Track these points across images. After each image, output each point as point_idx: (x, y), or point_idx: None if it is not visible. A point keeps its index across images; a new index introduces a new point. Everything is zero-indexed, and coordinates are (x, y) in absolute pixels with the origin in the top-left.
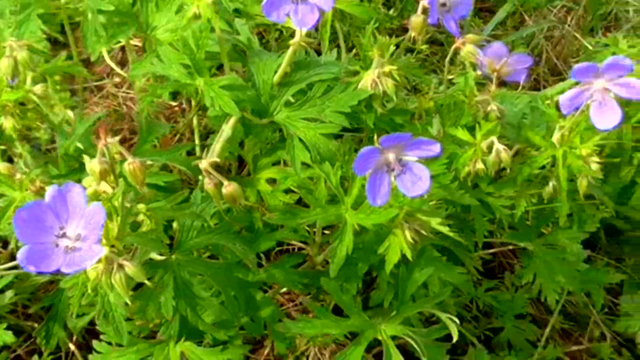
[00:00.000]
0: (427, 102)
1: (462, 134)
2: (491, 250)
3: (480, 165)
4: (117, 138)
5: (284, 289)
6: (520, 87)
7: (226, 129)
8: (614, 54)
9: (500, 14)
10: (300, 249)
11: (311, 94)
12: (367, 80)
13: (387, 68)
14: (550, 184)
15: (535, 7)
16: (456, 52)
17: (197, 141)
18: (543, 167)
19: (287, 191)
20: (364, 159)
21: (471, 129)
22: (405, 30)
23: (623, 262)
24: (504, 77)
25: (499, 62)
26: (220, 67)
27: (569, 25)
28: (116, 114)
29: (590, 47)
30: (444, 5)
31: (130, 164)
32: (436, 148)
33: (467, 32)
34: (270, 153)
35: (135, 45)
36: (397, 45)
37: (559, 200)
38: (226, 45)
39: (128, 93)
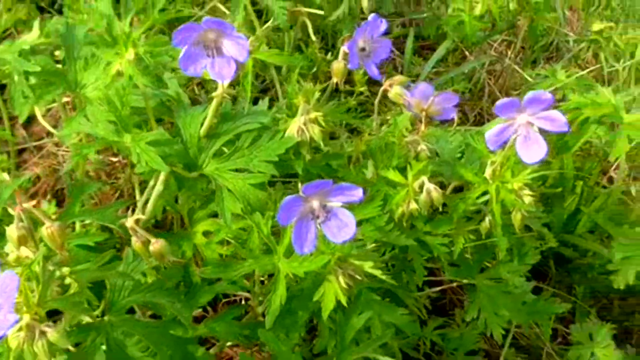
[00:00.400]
0: (362, 145)
1: (394, 176)
2: (438, 288)
3: (413, 205)
4: (33, 202)
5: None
6: (456, 124)
7: (157, 185)
8: (552, 85)
9: (440, 51)
10: (248, 299)
11: (239, 145)
12: (294, 127)
13: (312, 115)
14: (487, 219)
15: (474, 43)
16: (385, 95)
17: (137, 197)
18: (483, 202)
19: (224, 243)
20: (288, 209)
21: (403, 170)
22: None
23: (573, 290)
24: (433, 116)
25: (426, 101)
26: (158, 121)
27: (509, 59)
28: (57, 173)
29: (530, 79)
30: (363, 50)
31: (48, 228)
32: (358, 193)
33: (407, 70)
34: (205, 205)
35: (67, 103)
36: (338, 89)
37: (496, 235)
38: (152, 101)
39: (68, 151)
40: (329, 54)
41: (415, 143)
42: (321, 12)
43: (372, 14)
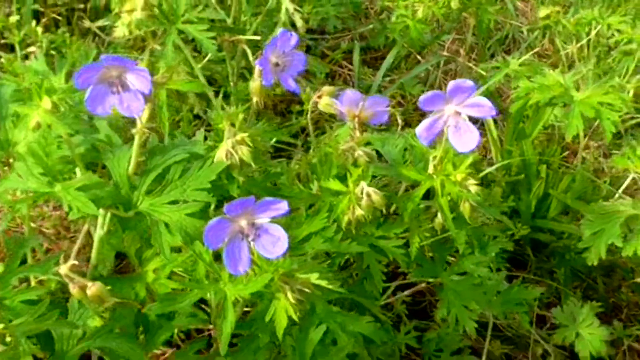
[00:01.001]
0: (309, 160)
1: (335, 185)
2: (408, 292)
3: (358, 211)
4: None
5: None
6: (400, 127)
7: (97, 229)
8: (506, 75)
9: (389, 58)
10: None
11: (170, 177)
12: (222, 152)
13: (239, 136)
14: (438, 214)
15: (424, 46)
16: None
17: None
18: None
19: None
20: (214, 232)
21: (343, 178)
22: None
23: (555, 275)
24: (367, 121)
25: (356, 107)
26: (94, 166)
27: (464, 56)
28: None
29: (485, 74)
30: (277, 65)
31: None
32: (284, 206)
33: (359, 83)
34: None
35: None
36: (290, 110)
37: (450, 230)
38: (79, 148)
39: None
40: None
41: (352, 150)
42: (258, 38)
43: (281, 29)
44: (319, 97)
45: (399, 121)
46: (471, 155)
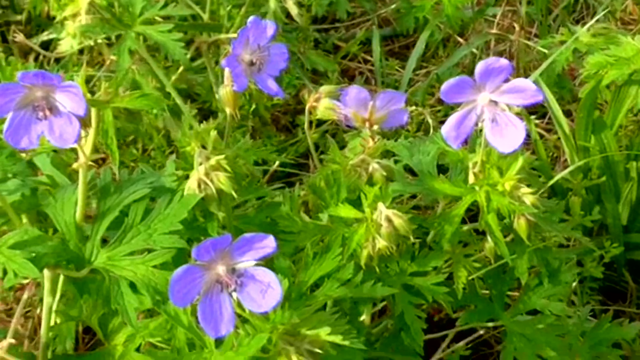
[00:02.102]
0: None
1: (346, 211)
2: (462, 343)
3: (380, 243)
4: None
5: None
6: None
7: (45, 297)
8: (575, 51)
9: (420, 44)
10: None
11: (130, 221)
12: (193, 181)
13: (213, 160)
14: (488, 237)
15: (463, 25)
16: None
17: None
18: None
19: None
20: (183, 284)
21: (357, 203)
22: None
23: None
24: (381, 125)
25: (365, 109)
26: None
27: (519, 32)
28: None
29: (546, 51)
30: (252, 64)
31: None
32: (271, 242)
33: (383, 80)
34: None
35: None
36: (296, 123)
37: (504, 255)
38: (13, 195)
39: None
40: None
41: (364, 164)
42: (234, 36)
43: (251, 17)
44: (316, 100)
45: (430, 122)
46: (521, 156)
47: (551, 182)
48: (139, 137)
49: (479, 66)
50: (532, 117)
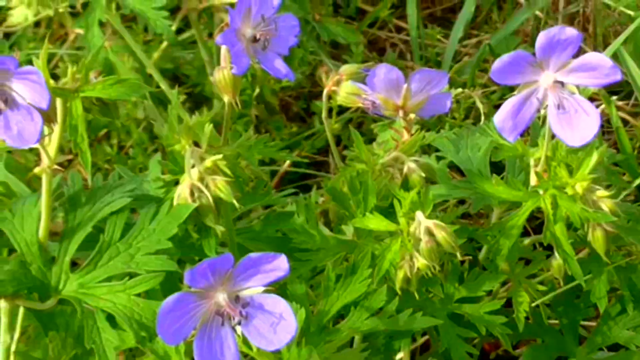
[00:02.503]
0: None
1: (376, 222)
2: None
3: (419, 262)
4: None
5: None
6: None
7: (1, 335)
8: None
9: (468, 7)
10: None
11: (106, 239)
12: (184, 188)
13: (208, 162)
14: (555, 253)
15: None
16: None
17: None
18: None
19: None
20: (174, 318)
21: (389, 212)
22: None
23: None
24: (417, 112)
25: (397, 94)
26: None
27: None
28: None
29: (632, 13)
30: (255, 40)
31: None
32: (282, 263)
33: (421, 53)
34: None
35: None
36: (311, 110)
37: (576, 275)
38: None
39: None
40: None
41: (398, 162)
42: (232, 1)
43: None
44: (336, 83)
45: (481, 108)
46: (596, 150)
47: (638, 182)
48: (113, 131)
49: (540, 39)
50: (613, 97)
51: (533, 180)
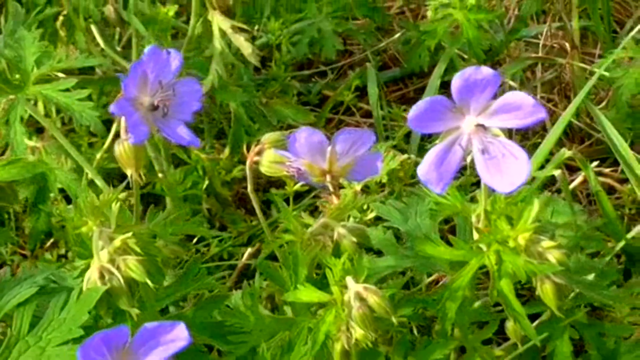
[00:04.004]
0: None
1: (307, 294)
2: None
3: (358, 332)
4: None
5: None
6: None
7: None
8: None
9: (434, 81)
10: None
11: (14, 333)
12: (94, 271)
13: (118, 240)
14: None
15: (491, 51)
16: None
17: None
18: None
19: None
20: None
21: (322, 282)
22: None
23: None
24: (346, 176)
25: (322, 157)
26: None
27: (572, 53)
28: None
29: (606, 74)
30: (155, 108)
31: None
32: (181, 332)
33: (387, 133)
34: None
35: None
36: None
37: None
38: None
39: None
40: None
41: (328, 229)
42: None
43: (149, 46)
44: (259, 152)
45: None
46: (535, 196)
47: (620, 245)
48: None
49: (455, 81)
50: (596, 164)
51: (475, 236)
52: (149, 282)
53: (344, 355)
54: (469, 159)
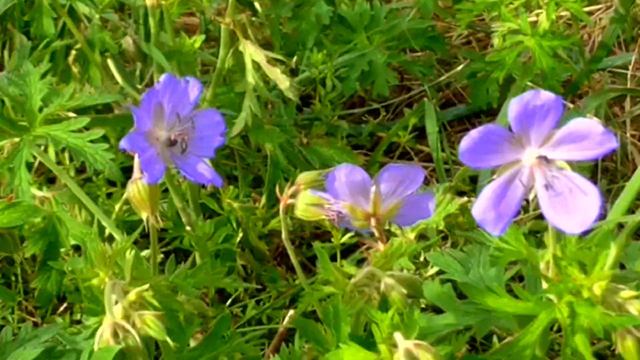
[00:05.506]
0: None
1: (350, 355)
2: None
3: None
4: None
5: None
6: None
7: None
8: None
9: (501, 119)
10: None
11: None
12: (106, 328)
13: (133, 293)
14: None
15: (569, 83)
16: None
17: None
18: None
19: None
20: None
21: (368, 341)
22: None
23: None
24: (394, 220)
25: (365, 198)
26: None
27: None
28: None
29: None
30: (173, 144)
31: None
32: None
33: (453, 174)
34: None
35: None
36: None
37: None
38: None
39: None
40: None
41: (374, 280)
42: None
43: (164, 75)
44: (293, 195)
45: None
46: (611, 238)
47: None
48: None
49: (512, 108)
50: None
51: (545, 286)
52: (169, 340)
53: None
54: (531, 196)
